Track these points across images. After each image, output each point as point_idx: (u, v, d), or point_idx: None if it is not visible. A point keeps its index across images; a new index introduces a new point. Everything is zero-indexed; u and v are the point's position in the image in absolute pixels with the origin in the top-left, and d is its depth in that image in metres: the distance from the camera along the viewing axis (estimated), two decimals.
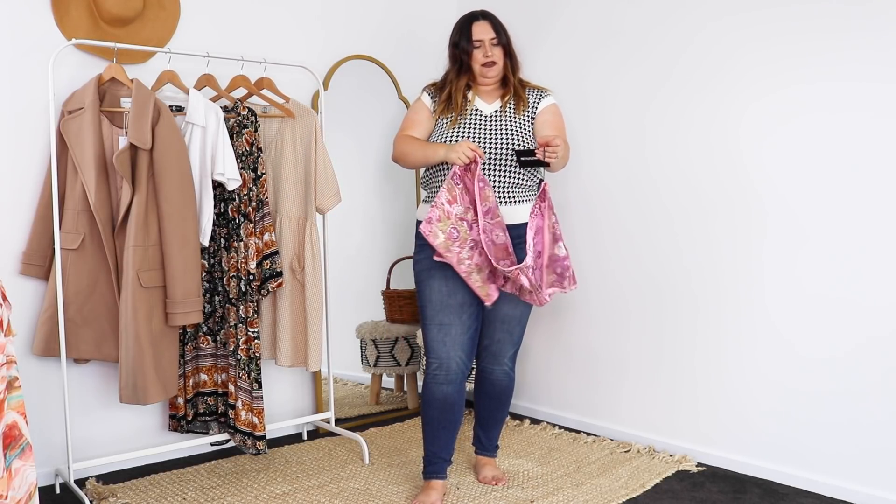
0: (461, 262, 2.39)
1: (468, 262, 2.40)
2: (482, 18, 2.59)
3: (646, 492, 2.62)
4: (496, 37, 2.56)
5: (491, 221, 2.40)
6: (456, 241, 2.39)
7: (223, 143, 2.64)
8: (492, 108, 2.57)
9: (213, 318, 2.84)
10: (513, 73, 2.61)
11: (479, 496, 2.59)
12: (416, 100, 2.67)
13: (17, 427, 1.71)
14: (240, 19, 3.11)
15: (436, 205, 2.38)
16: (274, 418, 3.17)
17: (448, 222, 2.39)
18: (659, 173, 3.03)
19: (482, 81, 2.60)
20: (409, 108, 2.70)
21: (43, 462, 2.63)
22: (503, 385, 2.68)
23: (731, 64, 2.78)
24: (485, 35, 2.56)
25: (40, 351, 2.57)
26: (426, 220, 2.38)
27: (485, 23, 2.58)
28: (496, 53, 2.56)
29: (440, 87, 2.64)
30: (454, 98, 2.57)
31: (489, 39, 2.55)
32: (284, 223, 2.96)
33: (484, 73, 2.57)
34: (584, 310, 3.32)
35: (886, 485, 2.45)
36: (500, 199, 2.48)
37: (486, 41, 2.55)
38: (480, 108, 2.57)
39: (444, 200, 2.39)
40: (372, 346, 3.51)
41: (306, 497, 2.59)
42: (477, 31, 2.56)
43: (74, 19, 2.68)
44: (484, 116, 2.55)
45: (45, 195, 2.63)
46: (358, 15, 3.47)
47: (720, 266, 2.85)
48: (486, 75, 2.57)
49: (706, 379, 2.91)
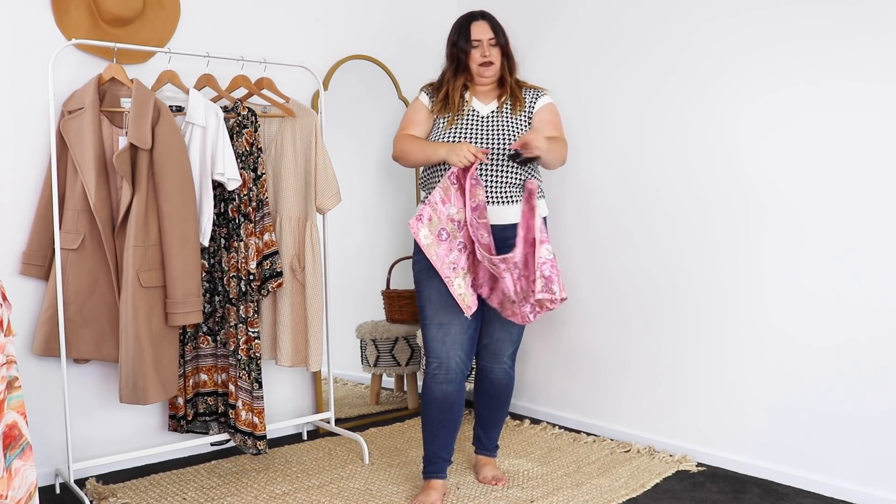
0: (444, 266, 2.37)
1: (453, 267, 2.38)
2: (481, 18, 2.60)
3: (646, 492, 2.62)
4: (494, 37, 2.58)
5: (478, 219, 2.38)
6: (444, 243, 2.37)
7: (223, 143, 2.64)
8: (488, 109, 2.58)
9: (213, 318, 2.84)
10: (510, 74, 2.62)
11: (479, 496, 2.59)
12: (415, 99, 2.68)
13: (17, 427, 1.71)
14: (240, 19, 3.11)
15: (428, 202, 2.37)
16: (274, 418, 3.17)
17: (438, 222, 2.37)
18: (658, 173, 3.03)
19: (479, 81, 2.60)
20: (408, 108, 2.71)
21: (43, 462, 2.63)
22: (503, 384, 2.68)
23: (729, 63, 2.78)
24: (483, 35, 2.57)
25: (40, 351, 2.57)
26: (415, 217, 2.36)
27: (483, 23, 2.58)
28: (494, 53, 2.57)
29: (437, 86, 2.64)
30: (451, 97, 2.58)
31: (487, 39, 2.57)
32: (284, 223, 2.96)
33: (481, 73, 2.58)
34: (584, 310, 3.32)
35: (886, 485, 2.44)
36: (496, 200, 2.48)
37: (484, 41, 2.56)
38: (477, 108, 2.58)
39: (437, 199, 2.38)
40: (372, 346, 3.51)
41: (306, 497, 2.59)
42: (476, 31, 2.57)
43: (74, 19, 2.68)
44: (481, 117, 2.56)
45: (45, 195, 2.63)
46: (358, 15, 3.47)
47: (720, 265, 2.85)
48: (483, 75, 2.58)
49: (706, 379, 2.91)
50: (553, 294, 2.31)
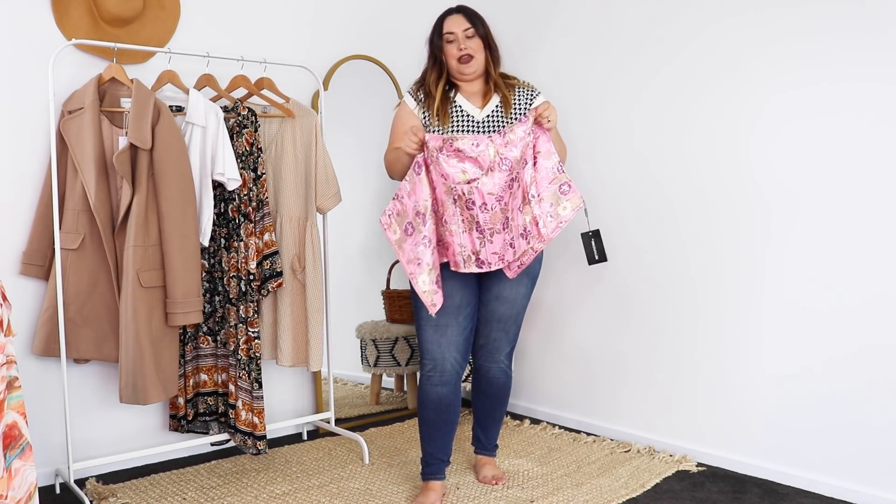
0: (409, 262, 2.31)
1: (417, 263, 2.29)
2: (456, 12, 2.49)
3: (646, 492, 2.62)
4: (471, 27, 2.45)
5: (448, 150, 2.27)
6: (409, 238, 2.31)
7: (223, 143, 2.64)
8: (483, 114, 2.48)
9: (213, 318, 2.84)
10: (494, 67, 2.51)
11: (479, 496, 2.59)
12: (399, 107, 2.54)
13: (17, 427, 1.71)
14: (240, 19, 3.11)
15: (396, 196, 2.32)
16: (274, 418, 3.17)
17: (405, 216, 2.32)
18: (660, 172, 3.03)
19: (460, 78, 2.49)
20: (394, 119, 2.55)
21: (43, 462, 2.63)
22: (500, 383, 2.67)
23: (735, 64, 2.78)
24: (457, 27, 2.45)
25: (40, 351, 2.57)
26: (385, 213, 2.31)
27: (458, 15, 2.47)
28: (473, 46, 2.45)
29: (420, 83, 2.54)
30: (430, 92, 2.47)
31: (462, 31, 2.44)
32: (285, 223, 2.96)
33: (461, 70, 2.46)
34: (583, 309, 3.32)
35: (886, 485, 2.44)
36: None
37: (458, 33, 2.44)
38: (471, 112, 2.48)
39: (404, 193, 2.32)
40: (372, 346, 3.51)
41: (306, 497, 2.59)
42: (448, 25, 2.46)
43: (74, 19, 2.68)
44: (476, 122, 2.47)
45: (45, 195, 2.63)
46: (358, 15, 3.47)
47: (721, 265, 2.85)
48: (463, 72, 2.47)
49: (706, 379, 2.91)
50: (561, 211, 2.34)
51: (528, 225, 2.35)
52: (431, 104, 2.47)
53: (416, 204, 2.31)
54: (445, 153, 2.27)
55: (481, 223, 2.29)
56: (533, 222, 2.35)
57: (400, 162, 2.43)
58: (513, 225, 2.34)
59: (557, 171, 2.36)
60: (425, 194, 2.30)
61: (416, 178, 2.31)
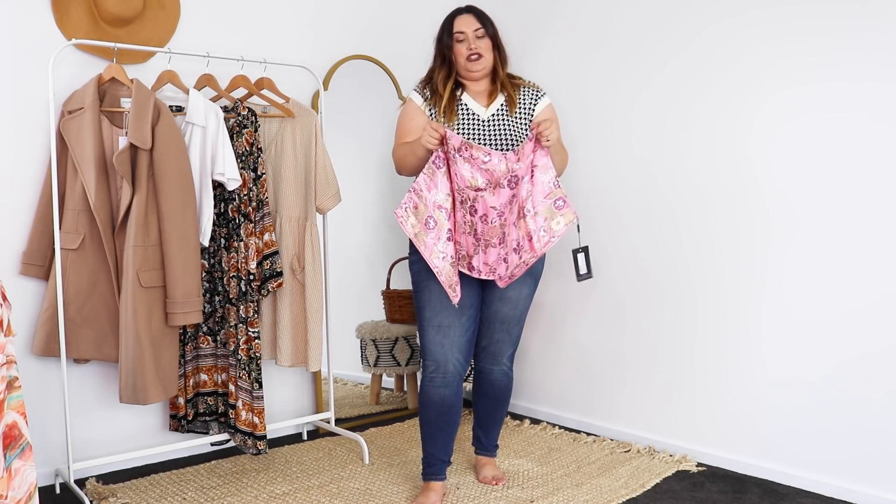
0: (433, 256, 2.30)
1: (442, 256, 2.30)
2: (466, 12, 2.51)
3: (646, 492, 2.62)
4: (481, 27, 2.48)
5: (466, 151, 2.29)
6: (432, 231, 2.30)
7: (223, 143, 2.64)
8: (488, 113, 2.49)
9: (213, 318, 2.84)
10: (502, 67, 2.53)
11: (479, 496, 2.59)
12: (406, 103, 2.56)
13: (17, 427, 1.71)
14: (240, 19, 3.11)
15: (412, 190, 2.31)
16: (274, 418, 3.17)
17: (425, 210, 2.31)
18: (659, 172, 3.02)
19: (469, 76, 2.51)
20: (401, 115, 2.56)
21: (43, 462, 2.63)
22: (502, 385, 2.67)
23: (734, 64, 2.78)
24: (468, 27, 2.47)
25: (40, 351, 2.57)
26: (400, 206, 2.30)
27: (468, 15, 2.50)
28: (482, 46, 2.48)
29: (426, 81, 2.55)
30: (438, 90, 2.48)
31: (473, 31, 2.47)
32: (284, 223, 2.96)
33: (469, 68, 2.48)
34: (584, 309, 3.32)
35: (886, 485, 2.44)
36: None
37: (468, 33, 2.47)
38: (477, 111, 2.49)
39: (422, 186, 2.32)
40: (372, 346, 3.51)
41: (306, 497, 2.59)
42: (459, 24, 2.49)
43: (74, 19, 2.68)
44: (481, 120, 2.48)
45: (45, 195, 2.63)
46: (358, 15, 3.47)
47: (720, 265, 2.85)
48: (471, 70, 2.48)
49: (706, 379, 2.91)
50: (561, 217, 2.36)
51: (521, 239, 2.38)
52: (438, 102, 2.48)
53: (437, 199, 2.32)
54: (462, 156, 2.30)
55: (478, 233, 2.33)
56: (527, 237, 2.37)
57: (414, 156, 2.42)
58: (508, 240, 2.36)
59: (553, 185, 2.37)
60: (447, 188, 2.32)
61: (437, 172, 2.32)
